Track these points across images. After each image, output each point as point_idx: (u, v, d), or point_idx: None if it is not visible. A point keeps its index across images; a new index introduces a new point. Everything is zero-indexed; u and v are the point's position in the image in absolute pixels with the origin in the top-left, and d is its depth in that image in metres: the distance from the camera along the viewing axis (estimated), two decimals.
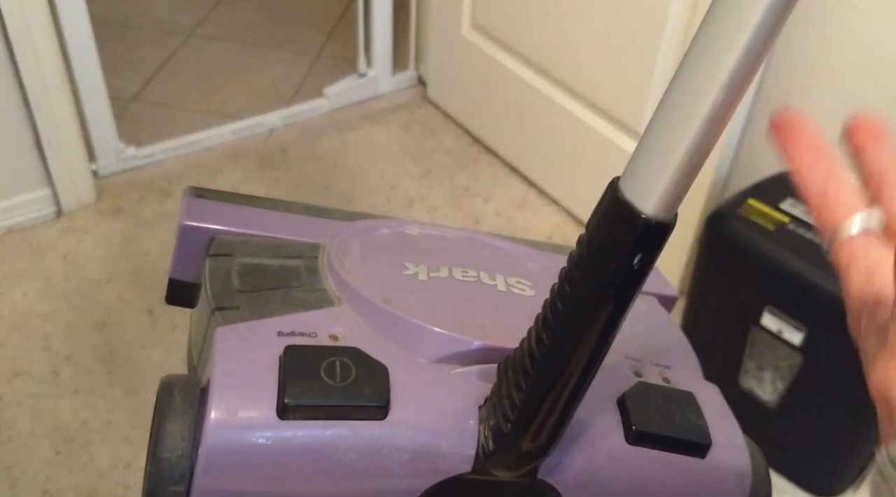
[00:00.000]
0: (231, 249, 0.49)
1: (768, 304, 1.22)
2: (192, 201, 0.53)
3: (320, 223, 0.54)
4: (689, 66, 0.31)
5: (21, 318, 1.50)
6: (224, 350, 0.41)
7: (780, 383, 1.28)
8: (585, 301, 0.35)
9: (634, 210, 0.32)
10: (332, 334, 0.43)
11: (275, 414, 0.39)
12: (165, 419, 0.39)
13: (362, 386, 0.40)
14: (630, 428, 0.43)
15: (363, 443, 0.40)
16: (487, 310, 0.47)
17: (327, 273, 0.47)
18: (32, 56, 1.53)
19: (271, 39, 2.39)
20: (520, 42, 1.81)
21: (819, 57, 1.34)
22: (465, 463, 0.41)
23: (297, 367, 0.40)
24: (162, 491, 0.39)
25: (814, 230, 1.22)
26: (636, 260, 0.33)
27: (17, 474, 1.26)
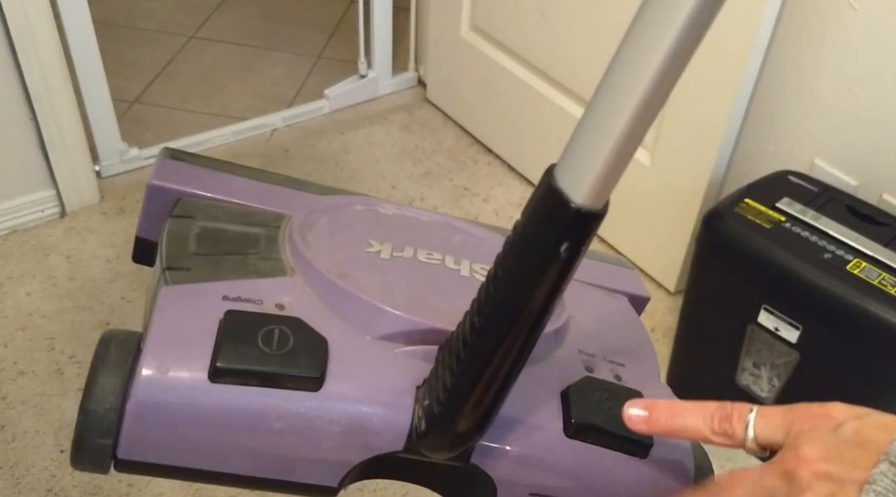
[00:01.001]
0: (194, 212, 0.48)
1: (765, 302, 1.23)
2: (165, 162, 0.52)
3: (293, 195, 0.54)
4: (618, 61, 0.32)
5: (25, 317, 1.52)
6: (165, 309, 0.41)
7: (776, 381, 1.29)
8: (514, 287, 0.35)
9: (564, 198, 0.33)
10: (278, 303, 0.42)
11: (206, 376, 0.38)
12: (98, 372, 0.39)
13: (298, 356, 0.39)
14: (570, 421, 0.42)
15: (294, 413, 0.39)
16: (444, 293, 0.47)
17: (286, 243, 0.47)
18: (35, 58, 1.54)
19: (272, 41, 2.40)
20: (518, 43, 1.82)
21: (814, 58, 1.35)
22: (397, 441, 0.41)
23: (235, 331, 0.40)
24: (88, 442, 0.39)
25: (810, 229, 1.23)
26: (563, 248, 0.33)
27: (22, 472, 1.27)
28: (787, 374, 1.26)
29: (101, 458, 0.40)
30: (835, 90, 1.34)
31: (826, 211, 1.26)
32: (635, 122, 0.31)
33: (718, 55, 1.37)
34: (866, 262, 1.18)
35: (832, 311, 1.16)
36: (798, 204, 1.28)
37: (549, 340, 0.47)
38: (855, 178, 1.36)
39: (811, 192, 1.31)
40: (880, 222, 1.25)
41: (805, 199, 1.29)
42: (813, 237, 1.21)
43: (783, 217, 1.25)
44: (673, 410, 0.40)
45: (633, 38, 0.31)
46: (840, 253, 1.19)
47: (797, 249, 1.19)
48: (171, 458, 0.40)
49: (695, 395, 1.45)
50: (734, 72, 1.37)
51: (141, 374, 0.38)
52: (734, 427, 0.39)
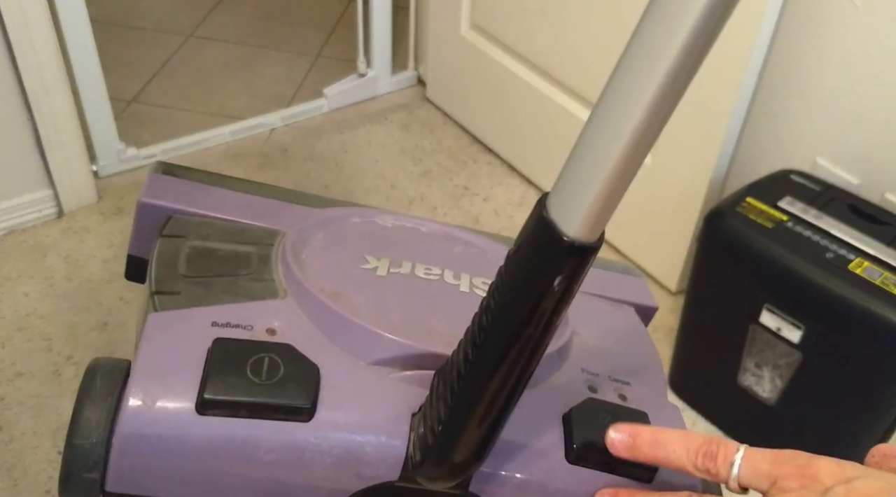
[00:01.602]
0: (185, 231, 0.47)
1: (767, 302, 1.23)
2: (156, 178, 0.51)
3: (288, 209, 0.52)
4: (610, 90, 0.30)
5: (23, 318, 1.51)
6: (152, 337, 0.39)
7: (779, 381, 1.28)
8: (508, 319, 0.34)
9: (557, 231, 0.31)
10: (269, 328, 0.41)
11: (193, 407, 0.37)
12: (83, 405, 0.38)
13: (288, 385, 0.38)
14: (572, 446, 0.41)
15: (284, 444, 0.38)
16: (441, 312, 0.45)
17: (279, 263, 0.45)
18: (33, 57, 1.53)
19: (271, 40, 2.40)
20: (518, 42, 1.81)
21: (816, 56, 1.35)
22: (391, 471, 0.39)
23: (223, 360, 0.38)
24: (75, 477, 0.38)
25: (812, 228, 1.22)
26: (557, 282, 0.32)
27: (19, 474, 1.27)
28: (790, 375, 1.25)
29: (90, 492, 0.39)
30: (837, 88, 1.34)
31: (828, 210, 1.26)
32: (631, 152, 0.30)
33: (720, 54, 1.36)
34: (868, 261, 1.17)
35: (834, 310, 1.15)
36: (800, 203, 1.27)
37: (551, 361, 0.46)
38: (857, 177, 1.36)
39: (813, 191, 1.30)
40: (883, 221, 1.24)
41: (807, 199, 1.28)
42: (815, 236, 1.21)
43: (785, 216, 1.24)
44: (656, 440, 0.39)
45: (625, 67, 0.30)
46: (842, 252, 1.18)
47: (799, 249, 1.19)
48: (160, 491, 0.39)
49: (697, 396, 1.44)
50: (736, 70, 1.37)
51: (127, 406, 0.37)
52: (718, 467, 0.38)
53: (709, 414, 1.42)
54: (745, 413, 1.36)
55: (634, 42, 0.29)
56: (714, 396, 1.41)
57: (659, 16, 0.28)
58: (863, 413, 1.23)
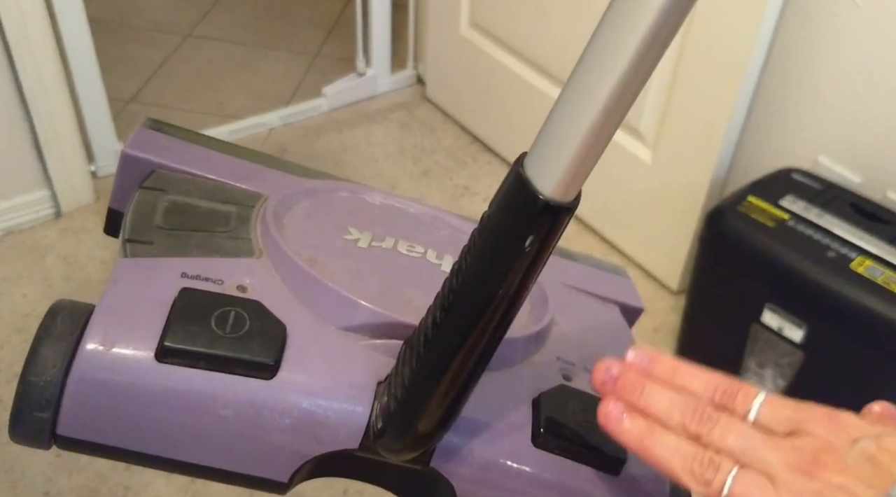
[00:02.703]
0: (165, 185, 0.46)
1: (769, 301, 1.22)
2: (143, 131, 0.50)
3: (275, 175, 0.51)
4: (590, 49, 0.30)
5: (21, 319, 1.50)
6: (118, 282, 0.39)
7: (780, 380, 1.28)
8: (477, 281, 0.33)
9: (532, 188, 0.31)
10: (240, 285, 0.40)
11: (152, 355, 0.37)
12: (41, 342, 0.37)
13: (253, 341, 0.37)
14: (538, 429, 0.40)
15: (243, 400, 0.37)
16: (419, 287, 0.44)
17: (258, 224, 0.45)
18: (30, 57, 1.53)
19: (270, 39, 2.39)
20: (518, 40, 1.81)
21: (817, 55, 1.34)
22: (351, 439, 0.38)
23: (188, 310, 0.38)
24: (26, 415, 0.37)
25: (814, 227, 1.22)
26: (528, 241, 0.31)
27: (18, 476, 1.26)
28: (792, 374, 1.25)
29: (40, 433, 0.38)
30: (838, 87, 1.33)
31: (830, 209, 1.25)
32: (608, 112, 0.30)
33: (721, 53, 1.36)
34: (870, 260, 1.17)
35: (836, 309, 1.15)
36: (801, 202, 1.27)
37: (527, 344, 0.45)
38: (859, 176, 1.35)
39: (815, 189, 1.30)
40: (884, 220, 1.24)
41: (809, 197, 1.28)
42: (817, 235, 1.20)
43: (787, 215, 1.24)
44: (676, 370, 0.38)
45: (606, 26, 0.30)
46: (844, 251, 1.18)
47: (801, 248, 1.18)
48: (112, 439, 0.38)
49: None
50: (737, 69, 1.36)
51: (84, 348, 0.37)
52: (736, 404, 0.36)
53: None
54: None
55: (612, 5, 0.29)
56: None
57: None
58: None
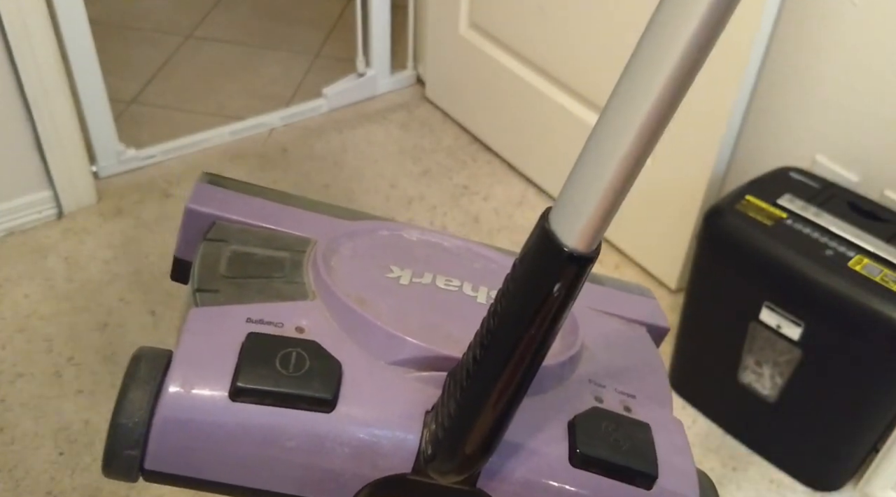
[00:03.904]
0: (226, 236, 0.51)
1: (767, 299, 1.23)
2: (202, 187, 0.55)
3: (321, 220, 0.55)
4: (605, 117, 0.34)
5: (23, 319, 1.51)
6: (192, 330, 0.43)
7: (779, 378, 1.28)
8: (512, 322, 0.37)
9: (558, 242, 0.34)
10: (297, 326, 0.44)
11: (226, 395, 0.41)
12: (128, 387, 0.42)
13: (313, 378, 0.41)
14: (575, 450, 0.43)
15: (307, 433, 0.41)
16: (458, 320, 0.48)
17: (310, 268, 0.49)
18: (32, 59, 1.53)
19: (270, 40, 2.40)
20: (517, 41, 1.81)
21: (814, 54, 1.35)
22: (405, 464, 0.42)
23: (255, 353, 0.42)
24: (118, 453, 0.42)
25: (811, 226, 1.22)
26: (556, 288, 0.35)
27: (21, 475, 1.27)
28: (790, 372, 1.26)
29: (129, 469, 0.42)
30: (836, 86, 1.34)
31: (827, 207, 1.26)
32: (623, 174, 0.34)
33: (719, 52, 1.36)
34: (868, 258, 1.17)
35: (834, 307, 1.15)
36: (799, 200, 1.27)
37: (560, 370, 0.48)
38: (856, 174, 1.36)
39: (812, 188, 1.30)
40: (882, 218, 1.24)
41: (806, 196, 1.28)
42: (814, 234, 1.21)
43: (784, 214, 1.25)
44: None
45: (619, 94, 0.33)
46: (842, 249, 1.18)
47: (799, 246, 1.19)
48: (193, 471, 0.43)
49: (697, 393, 1.43)
50: (735, 68, 1.37)
51: (167, 391, 0.41)
52: None
53: (709, 411, 1.42)
54: (745, 410, 1.36)
55: (630, 65, 0.32)
56: (714, 394, 1.41)
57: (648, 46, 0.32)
58: (863, 410, 1.24)
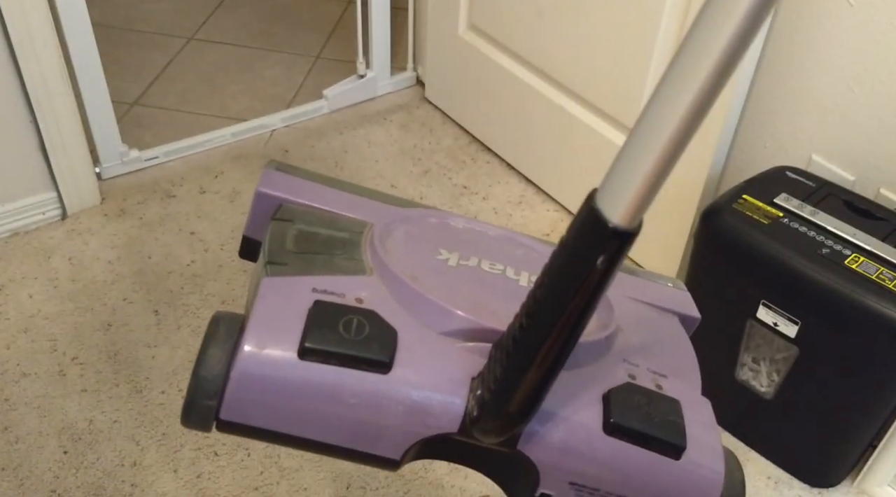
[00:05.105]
0: (293, 216, 0.56)
1: (764, 297, 1.24)
2: (270, 173, 0.60)
3: (377, 206, 0.61)
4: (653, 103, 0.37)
5: (27, 319, 1.52)
6: (265, 296, 0.48)
7: (776, 375, 1.29)
8: (557, 292, 0.40)
9: (602, 218, 0.38)
10: (357, 297, 0.49)
11: (296, 354, 0.45)
12: (208, 344, 0.46)
13: (372, 342, 0.46)
14: (609, 420, 0.47)
15: (366, 391, 0.45)
16: (502, 298, 0.52)
17: (367, 247, 0.54)
18: (35, 61, 1.54)
19: (271, 42, 2.41)
20: (516, 42, 1.82)
21: (810, 53, 1.36)
22: (452, 423, 0.46)
23: (321, 318, 0.46)
24: (197, 402, 0.46)
25: (808, 224, 1.23)
26: (600, 261, 0.39)
27: (25, 473, 1.28)
28: (787, 369, 1.27)
29: (206, 418, 0.46)
30: (832, 86, 1.35)
31: (824, 206, 1.27)
32: (666, 155, 0.37)
33: None
34: (864, 256, 1.18)
35: (831, 305, 1.16)
36: (796, 199, 1.28)
37: (598, 347, 0.52)
38: (852, 174, 1.37)
39: (809, 187, 1.31)
40: (878, 217, 1.25)
41: (803, 195, 1.29)
42: (811, 232, 1.22)
43: (781, 213, 1.26)
44: None
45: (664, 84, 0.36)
46: (838, 248, 1.19)
47: (795, 245, 1.20)
48: (262, 422, 0.46)
49: None
50: None
51: (243, 349, 0.45)
52: None
53: None
54: (742, 407, 1.37)
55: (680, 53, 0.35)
56: (711, 391, 1.41)
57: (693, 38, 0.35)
58: (860, 406, 1.24)
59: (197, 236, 1.72)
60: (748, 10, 0.33)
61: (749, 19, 0.33)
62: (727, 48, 0.34)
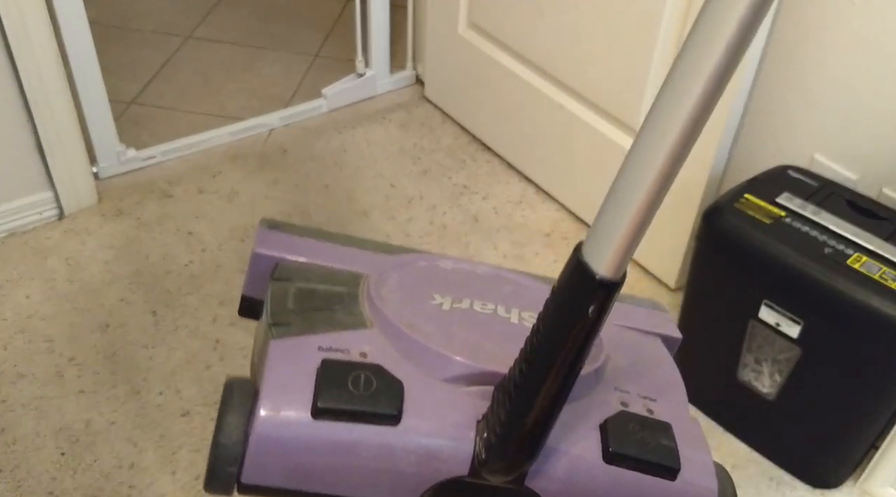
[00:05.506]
0: (290, 275, 0.58)
1: (766, 297, 1.23)
2: (265, 232, 0.63)
3: (369, 256, 0.64)
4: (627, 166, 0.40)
5: (24, 320, 1.51)
6: (274, 359, 0.50)
7: (778, 376, 1.28)
8: (552, 340, 0.43)
9: (590, 271, 0.41)
10: (361, 352, 0.51)
11: (309, 414, 0.47)
12: (225, 412, 0.48)
13: (380, 396, 0.48)
14: (608, 449, 0.50)
15: (379, 443, 0.48)
16: (497, 339, 0.55)
17: (364, 299, 0.56)
18: (32, 60, 1.54)
19: (269, 40, 2.40)
20: (516, 40, 1.82)
21: (813, 52, 1.35)
22: (462, 467, 0.48)
23: (330, 377, 0.48)
24: (219, 470, 0.47)
25: (810, 224, 1.23)
26: (590, 310, 0.42)
27: (23, 475, 1.27)
28: (789, 370, 1.26)
29: (229, 483, 0.48)
30: (834, 84, 1.34)
31: (826, 206, 1.26)
32: (644, 210, 0.40)
33: None
34: (867, 256, 1.18)
35: (833, 305, 1.16)
36: (798, 199, 1.27)
37: (590, 380, 0.54)
38: (855, 173, 1.36)
39: (811, 186, 1.30)
40: (880, 216, 1.24)
41: (805, 194, 1.28)
42: (813, 232, 1.21)
43: (783, 212, 1.25)
44: None
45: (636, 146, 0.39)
46: (840, 247, 1.19)
47: (798, 244, 1.19)
48: (282, 482, 0.49)
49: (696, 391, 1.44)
50: None
51: (259, 414, 0.47)
52: None
53: (709, 409, 1.43)
54: (744, 408, 1.36)
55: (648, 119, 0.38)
56: (714, 392, 1.41)
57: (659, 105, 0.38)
58: (862, 407, 1.24)
59: (195, 236, 1.71)
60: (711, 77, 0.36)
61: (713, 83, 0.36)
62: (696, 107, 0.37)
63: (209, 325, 1.52)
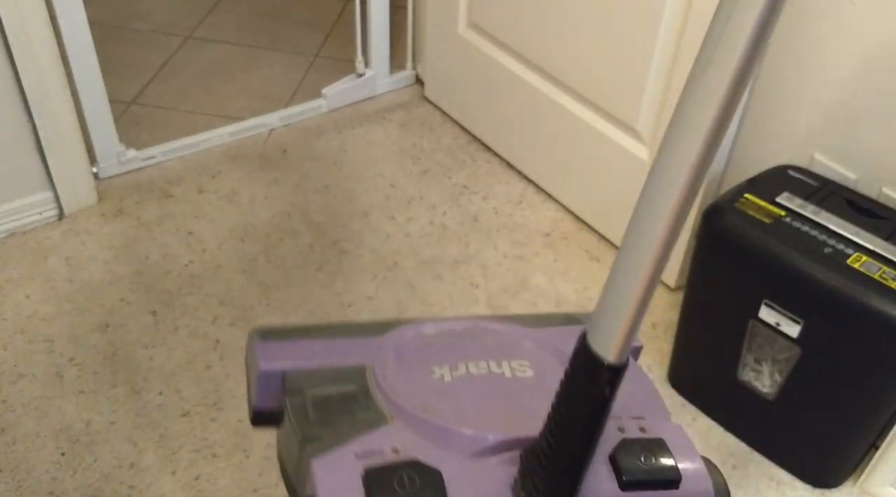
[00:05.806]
0: (301, 385, 0.62)
1: (766, 297, 1.23)
2: (261, 345, 0.66)
3: (362, 344, 0.67)
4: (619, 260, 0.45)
5: (24, 320, 1.51)
6: (322, 478, 0.54)
7: (778, 376, 1.28)
8: (572, 416, 0.50)
9: (598, 359, 0.47)
10: (393, 448, 0.56)
11: None
12: None
13: (426, 490, 0.53)
14: (621, 478, 0.56)
15: None
16: (502, 401, 0.61)
17: (377, 392, 0.61)
18: (32, 60, 1.54)
19: (269, 40, 2.40)
20: (516, 40, 1.82)
21: (812, 52, 1.35)
22: None
23: (376, 484, 0.53)
24: None
25: (810, 224, 1.23)
26: (606, 391, 0.49)
27: (23, 475, 1.27)
28: (789, 369, 1.26)
29: None
30: (834, 84, 1.34)
31: (826, 205, 1.26)
32: (641, 302, 0.45)
33: None
34: (867, 255, 1.18)
35: (833, 305, 1.16)
36: (798, 198, 1.27)
37: None
38: (854, 172, 1.36)
39: (811, 186, 1.30)
40: (880, 216, 1.24)
41: (805, 194, 1.28)
42: (813, 231, 1.21)
43: (783, 212, 1.25)
44: None
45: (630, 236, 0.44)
46: (840, 247, 1.19)
47: (797, 244, 1.19)
48: None
49: (696, 391, 1.43)
50: None
51: None
52: None
53: (708, 409, 1.43)
54: (744, 408, 1.36)
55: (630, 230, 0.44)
56: (714, 391, 1.41)
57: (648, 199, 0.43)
58: (862, 406, 1.24)
59: (195, 236, 1.71)
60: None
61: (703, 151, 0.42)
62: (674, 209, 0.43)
63: (209, 325, 1.52)
